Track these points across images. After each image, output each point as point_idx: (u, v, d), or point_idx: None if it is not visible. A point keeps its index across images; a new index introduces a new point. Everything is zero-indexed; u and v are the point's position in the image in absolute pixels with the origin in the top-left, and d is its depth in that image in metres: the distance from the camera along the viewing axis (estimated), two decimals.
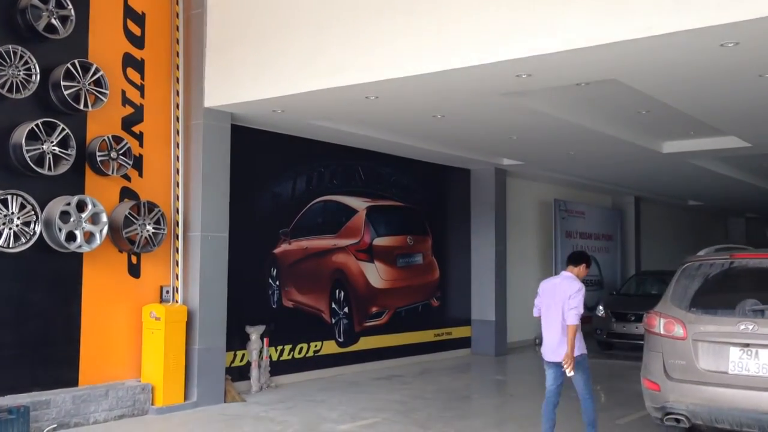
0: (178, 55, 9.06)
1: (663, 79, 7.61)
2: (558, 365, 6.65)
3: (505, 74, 7.31)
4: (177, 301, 8.82)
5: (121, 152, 8.26)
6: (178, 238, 8.93)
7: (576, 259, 6.93)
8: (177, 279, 8.85)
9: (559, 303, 6.63)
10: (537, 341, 15.81)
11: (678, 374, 6.46)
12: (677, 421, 6.46)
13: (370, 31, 7.61)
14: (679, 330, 6.53)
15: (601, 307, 14.69)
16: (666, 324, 6.66)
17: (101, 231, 7.96)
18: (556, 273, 15.92)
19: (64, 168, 7.73)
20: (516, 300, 15.02)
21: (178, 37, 9.06)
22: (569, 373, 6.50)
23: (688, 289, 6.74)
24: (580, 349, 6.65)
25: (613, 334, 14.16)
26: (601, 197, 19.49)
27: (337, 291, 11.48)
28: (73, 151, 7.76)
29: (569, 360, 6.45)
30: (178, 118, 9.03)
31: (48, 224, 7.62)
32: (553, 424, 6.73)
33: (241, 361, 9.90)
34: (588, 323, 15.75)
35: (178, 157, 9.01)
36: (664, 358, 6.61)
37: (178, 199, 8.97)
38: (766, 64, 7.01)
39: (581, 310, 6.55)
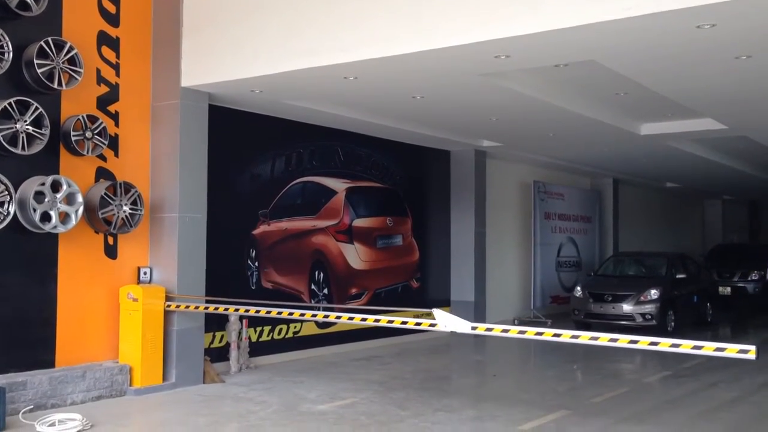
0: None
1: (640, 60, 7.64)
2: None
3: (483, 55, 7.30)
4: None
5: (96, 132, 8.17)
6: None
7: None
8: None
9: None
10: (515, 322, 15.95)
11: None
12: None
13: (349, 11, 7.54)
14: None
15: (578, 288, 14.80)
16: None
17: (76, 211, 7.88)
18: (535, 254, 16.22)
19: (38, 148, 7.63)
20: (495, 281, 15.10)
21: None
22: None
23: None
24: None
25: (590, 314, 14.26)
26: (580, 179, 19.60)
27: (316, 272, 11.48)
28: (47, 131, 7.66)
29: None
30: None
31: (22, 205, 7.53)
32: None
33: (220, 342, 9.88)
34: (566, 303, 15.99)
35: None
36: None
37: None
38: (743, 47, 7.06)
39: None
